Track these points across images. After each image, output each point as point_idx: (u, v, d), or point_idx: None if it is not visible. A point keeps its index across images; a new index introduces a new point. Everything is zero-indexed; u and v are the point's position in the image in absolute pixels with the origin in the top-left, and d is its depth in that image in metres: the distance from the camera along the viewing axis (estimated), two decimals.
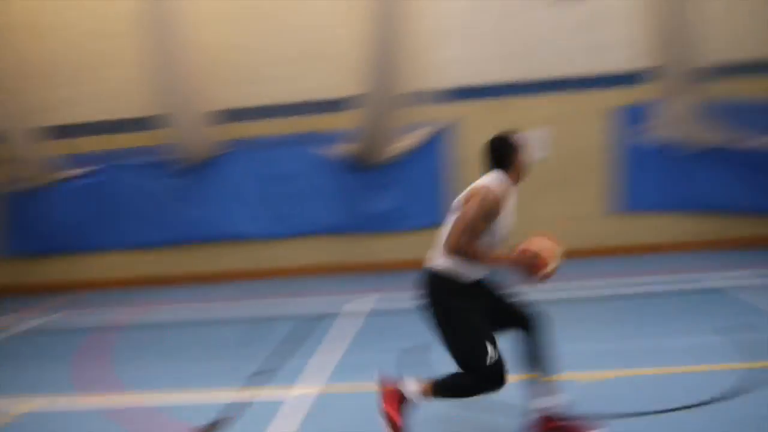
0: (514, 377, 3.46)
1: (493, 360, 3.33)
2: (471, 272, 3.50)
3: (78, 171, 9.21)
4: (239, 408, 4.29)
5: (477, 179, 3.60)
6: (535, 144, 8.81)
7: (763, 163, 8.54)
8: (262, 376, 4.89)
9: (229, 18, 8.94)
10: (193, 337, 6.61)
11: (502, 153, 3.60)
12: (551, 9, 8.73)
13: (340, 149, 8.90)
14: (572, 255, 8.12)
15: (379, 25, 8.21)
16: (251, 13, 8.97)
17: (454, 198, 9.42)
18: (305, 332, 6.15)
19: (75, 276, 9.52)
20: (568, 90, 8.85)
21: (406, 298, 4.68)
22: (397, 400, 3.57)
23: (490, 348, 3.36)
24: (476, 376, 3.39)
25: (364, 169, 8.90)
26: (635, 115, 8.76)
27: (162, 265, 9.39)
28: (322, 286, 8.42)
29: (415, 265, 8.69)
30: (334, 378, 4.81)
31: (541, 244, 3.42)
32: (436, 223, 8.70)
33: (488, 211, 3.44)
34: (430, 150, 8.92)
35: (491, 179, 3.55)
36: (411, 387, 3.59)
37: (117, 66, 9.05)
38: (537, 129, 8.82)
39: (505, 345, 3.44)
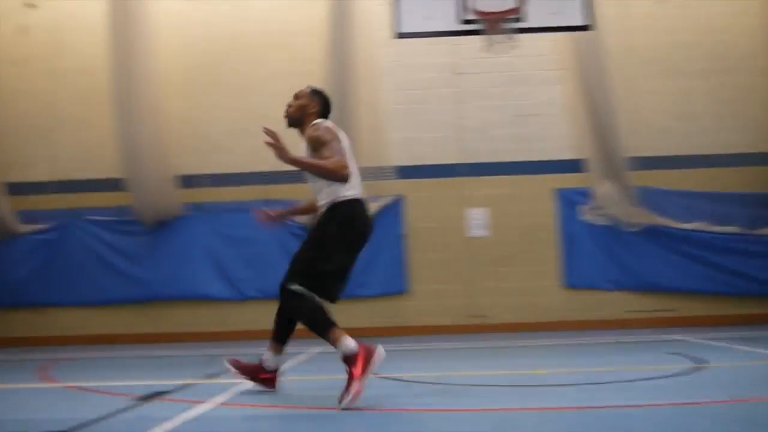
0: None
1: None
2: None
3: (40, 227, 9.41)
4: None
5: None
6: (475, 222, 9.46)
7: (698, 245, 9.26)
8: None
9: (194, 90, 9.62)
10: None
11: None
12: (494, 99, 9.62)
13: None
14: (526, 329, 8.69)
15: (333, 107, 8.92)
16: (212, 88, 9.67)
17: (406, 268, 9.71)
18: None
19: (26, 332, 9.43)
20: (513, 173, 9.56)
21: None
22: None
23: None
24: None
25: None
26: (578, 197, 9.45)
27: (119, 323, 9.42)
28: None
29: (372, 332, 9.03)
30: None
31: None
32: (391, 292, 9.21)
33: None
34: (384, 222, 9.35)
35: None
36: None
37: (88, 129, 9.58)
38: (476, 209, 9.45)
39: None
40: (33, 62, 9.83)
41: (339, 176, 4.00)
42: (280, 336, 4.36)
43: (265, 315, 9.19)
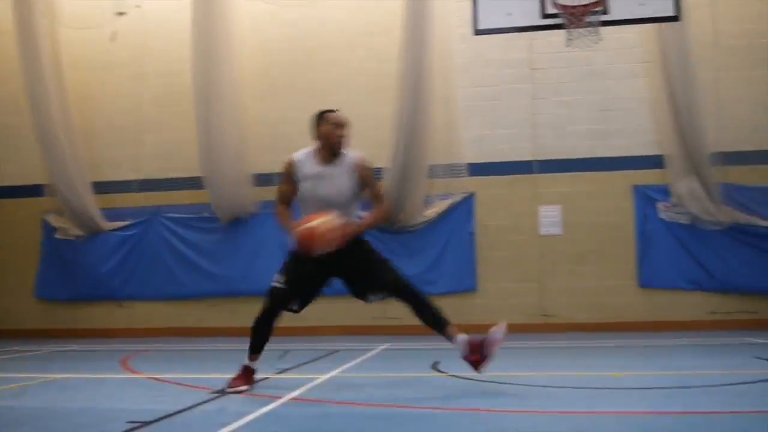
0: None
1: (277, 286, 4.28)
2: None
3: (123, 223, 9.90)
4: None
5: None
6: (547, 219, 9.27)
7: None
8: None
9: (272, 91, 9.86)
10: None
11: (312, 126, 4.33)
12: (571, 95, 9.40)
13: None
14: (600, 329, 8.49)
15: (407, 105, 8.97)
16: (290, 88, 9.87)
17: (476, 266, 9.64)
18: None
19: (108, 324, 9.93)
20: (588, 169, 9.33)
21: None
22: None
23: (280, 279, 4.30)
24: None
25: (391, 233, 9.32)
26: (656, 194, 9.15)
27: (196, 316, 9.80)
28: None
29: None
30: None
31: (319, 222, 3.91)
32: (459, 290, 9.15)
33: (282, 174, 4.26)
34: (454, 219, 9.34)
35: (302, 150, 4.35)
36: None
37: (170, 130, 10.00)
38: (549, 206, 9.26)
39: None
40: (119, 67, 10.31)
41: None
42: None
43: (333, 311, 9.41)
